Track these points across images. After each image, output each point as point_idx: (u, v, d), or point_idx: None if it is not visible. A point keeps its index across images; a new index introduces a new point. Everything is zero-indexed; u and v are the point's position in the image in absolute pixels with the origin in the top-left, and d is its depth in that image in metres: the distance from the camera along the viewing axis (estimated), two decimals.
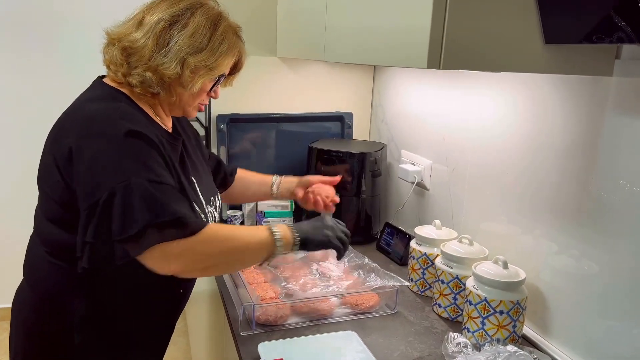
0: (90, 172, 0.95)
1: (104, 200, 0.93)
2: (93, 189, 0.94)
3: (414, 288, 1.40)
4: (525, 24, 0.87)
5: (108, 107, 1.02)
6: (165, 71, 1.03)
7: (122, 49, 1.04)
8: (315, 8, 1.41)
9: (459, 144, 1.46)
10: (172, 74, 1.03)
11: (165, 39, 1.04)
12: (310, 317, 1.22)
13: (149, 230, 0.93)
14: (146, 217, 0.92)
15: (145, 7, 1.08)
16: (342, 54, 1.25)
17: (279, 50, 1.82)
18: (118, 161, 0.95)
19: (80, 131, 0.98)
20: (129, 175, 0.93)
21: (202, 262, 1.02)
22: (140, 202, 0.93)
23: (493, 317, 1.11)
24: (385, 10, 1.01)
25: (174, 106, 1.13)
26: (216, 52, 1.07)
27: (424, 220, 1.63)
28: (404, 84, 1.78)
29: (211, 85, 1.12)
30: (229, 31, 1.10)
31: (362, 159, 1.67)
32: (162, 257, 0.96)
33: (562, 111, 1.11)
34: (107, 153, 0.95)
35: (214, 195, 1.24)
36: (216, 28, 1.07)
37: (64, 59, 2.74)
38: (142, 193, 0.93)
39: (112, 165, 0.95)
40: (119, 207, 0.92)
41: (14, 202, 2.81)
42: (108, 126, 0.98)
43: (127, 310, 1.13)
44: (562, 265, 1.13)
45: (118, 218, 0.92)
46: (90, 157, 0.96)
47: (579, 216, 1.07)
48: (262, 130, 1.90)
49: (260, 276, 1.37)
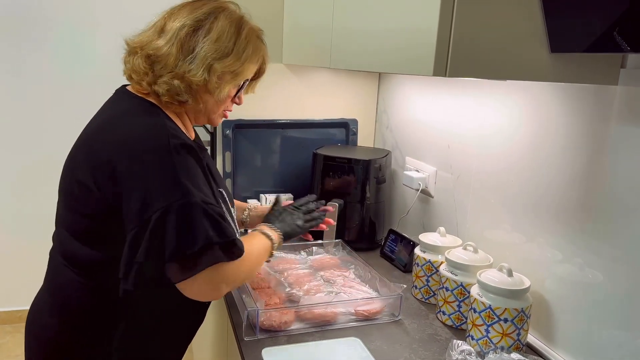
0: (142, 190, 0.92)
1: (156, 218, 0.90)
2: (145, 207, 0.91)
3: (418, 295, 1.40)
4: (531, 32, 0.88)
5: (151, 122, 0.99)
6: (192, 78, 1.01)
7: (146, 57, 1.02)
8: (322, 15, 1.42)
9: (464, 152, 1.47)
10: (200, 80, 1.01)
11: (190, 45, 1.02)
12: (314, 323, 1.22)
13: (210, 249, 0.92)
14: (210, 234, 0.91)
15: (166, 14, 1.06)
16: (349, 61, 1.26)
17: (285, 57, 1.83)
18: (171, 178, 0.92)
19: (126, 148, 0.95)
20: (184, 193, 0.92)
21: (240, 282, 1.05)
22: (201, 220, 0.91)
23: (497, 325, 1.11)
24: (392, 18, 1.02)
25: (199, 114, 1.11)
26: (242, 56, 1.06)
27: (429, 228, 1.63)
28: (409, 91, 1.78)
29: (236, 91, 1.11)
30: (253, 34, 1.09)
31: (367, 166, 1.67)
32: (211, 280, 0.96)
33: (566, 120, 1.11)
34: (159, 170, 0.93)
35: (232, 205, 1.23)
36: (240, 32, 1.06)
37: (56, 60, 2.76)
38: (202, 212, 0.92)
39: (166, 182, 0.92)
40: (176, 225, 0.90)
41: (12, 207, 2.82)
42: (157, 142, 0.95)
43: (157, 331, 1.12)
44: (566, 273, 1.12)
45: (175, 236, 0.90)
46: (140, 175, 0.93)
47: (584, 225, 1.07)
48: (267, 136, 1.90)
49: (265, 282, 1.37)
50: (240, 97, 1.16)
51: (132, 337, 1.08)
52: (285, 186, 1.93)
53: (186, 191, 0.92)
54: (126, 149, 0.96)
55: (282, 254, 1.56)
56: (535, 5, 0.86)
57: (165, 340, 1.16)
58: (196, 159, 0.98)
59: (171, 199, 0.91)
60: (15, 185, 2.82)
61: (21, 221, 2.84)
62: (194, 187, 0.93)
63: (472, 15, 0.84)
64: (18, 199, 2.79)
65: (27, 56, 2.73)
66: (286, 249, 1.58)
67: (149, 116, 1.01)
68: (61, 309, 1.08)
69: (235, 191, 1.88)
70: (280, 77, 1.88)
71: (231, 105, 1.16)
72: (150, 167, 0.93)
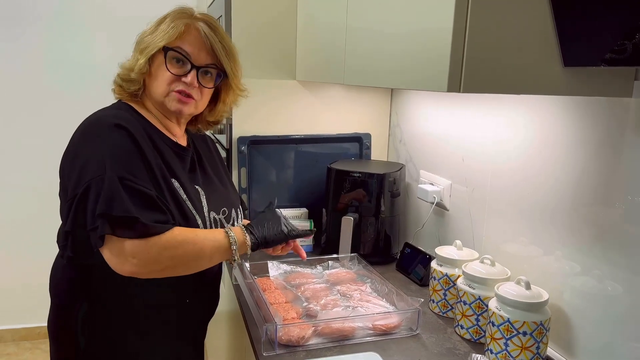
0: (77, 169, 1.04)
1: (81, 193, 1.01)
2: (75, 184, 1.03)
3: (436, 309, 1.40)
4: (544, 47, 0.89)
5: (105, 112, 1.14)
6: (125, 64, 1.17)
7: None
8: (335, 32, 1.44)
9: (478, 165, 1.47)
10: (130, 63, 1.16)
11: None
12: (332, 337, 1.22)
13: (100, 220, 0.99)
14: (102, 207, 0.99)
15: None
16: (363, 77, 1.28)
17: (299, 74, 1.86)
18: (100, 156, 1.03)
19: (78, 135, 1.09)
20: (105, 169, 1.01)
21: (157, 264, 1.07)
22: (103, 194, 1.00)
23: (516, 338, 1.10)
24: (406, 34, 1.03)
25: (156, 103, 1.19)
26: (158, 28, 1.17)
27: (444, 241, 1.63)
28: (422, 105, 1.79)
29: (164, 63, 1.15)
30: (181, 15, 1.18)
31: (381, 180, 1.68)
32: (118, 254, 1.03)
33: (581, 132, 1.11)
34: (92, 149, 1.05)
35: (229, 207, 1.29)
36: (167, 16, 1.18)
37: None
38: (109, 186, 1.00)
39: (94, 160, 1.03)
40: (95, 197, 1.00)
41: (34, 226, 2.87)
42: (98, 124, 1.09)
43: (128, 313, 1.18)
44: (585, 286, 1.12)
45: (89, 209, 1.00)
46: (79, 155, 1.06)
47: (602, 237, 1.07)
48: (282, 151, 1.92)
49: (282, 296, 1.38)
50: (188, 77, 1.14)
51: (94, 316, 1.16)
52: (299, 201, 1.94)
53: (106, 168, 1.02)
54: (77, 137, 1.10)
55: (299, 268, 1.57)
56: (547, 20, 0.88)
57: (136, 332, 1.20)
58: (133, 142, 1.07)
59: (93, 175, 1.01)
60: (37, 205, 2.86)
61: (42, 239, 2.88)
62: (117, 165, 1.03)
63: (485, 31, 0.86)
64: (39, 218, 2.83)
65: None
66: (302, 264, 1.58)
67: (106, 109, 1.17)
68: (52, 290, 1.23)
69: (251, 206, 1.90)
70: (294, 94, 1.91)
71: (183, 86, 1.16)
72: (85, 148, 1.06)
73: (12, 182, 2.87)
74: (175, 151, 1.19)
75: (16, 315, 3.01)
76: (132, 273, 1.05)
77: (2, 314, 2.99)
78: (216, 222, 1.24)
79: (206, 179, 1.27)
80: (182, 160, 1.21)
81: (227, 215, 1.29)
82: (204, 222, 1.19)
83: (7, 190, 2.87)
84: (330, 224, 1.75)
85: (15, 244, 2.92)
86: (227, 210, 1.29)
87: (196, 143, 1.32)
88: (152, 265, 1.06)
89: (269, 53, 1.84)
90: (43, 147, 2.80)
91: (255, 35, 1.82)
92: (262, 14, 1.81)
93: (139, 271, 1.05)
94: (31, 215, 2.87)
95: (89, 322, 1.15)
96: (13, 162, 2.85)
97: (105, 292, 1.14)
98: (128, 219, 1.00)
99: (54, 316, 1.22)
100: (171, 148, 1.18)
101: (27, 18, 2.70)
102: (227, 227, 1.22)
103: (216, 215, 1.24)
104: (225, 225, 1.27)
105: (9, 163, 2.85)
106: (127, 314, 1.17)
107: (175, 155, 1.19)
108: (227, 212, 1.29)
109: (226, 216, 1.28)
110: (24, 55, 2.73)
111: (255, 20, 1.81)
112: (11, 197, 2.88)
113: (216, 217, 1.24)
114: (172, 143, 1.20)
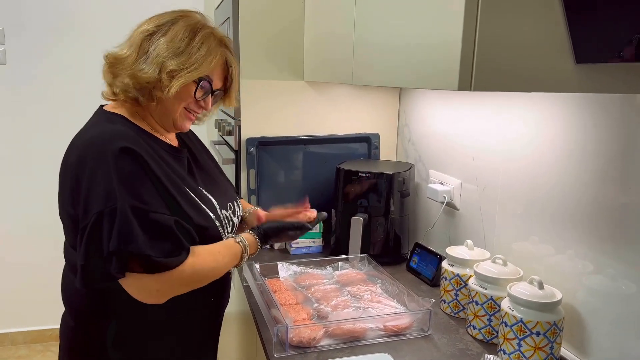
0: (85, 196, 1.01)
1: (92, 223, 0.98)
2: (85, 212, 1.00)
3: (447, 309, 1.39)
4: (556, 44, 0.88)
5: (103, 130, 1.08)
6: (143, 75, 1.08)
7: (110, 64, 1.12)
8: (343, 32, 1.44)
9: (489, 164, 1.46)
10: (150, 77, 1.08)
11: (146, 47, 1.10)
12: (344, 339, 1.22)
13: (115, 257, 0.98)
14: (114, 244, 0.97)
15: (136, 26, 1.15)
16: (371, 77, 1.27)
17: (306, 74, 1.85)
18: (108, 184, 1.00)
19: (80, 157, 1.04)
20: (116, 199, 0.99)
21: (176, 292, 1.09)
22: (116, 228, 0.98)
23: (530, 338, 1.09)
24: (415, 33, 1.02)
25: (162, 116, 1.16)
26: (194, 55, 1.11)
27: (455, 241, 1.62)
28: (430, 104, 1.79)
29: (194, 89, 1.14)
30: (210, 37, 1.14)
31: (390, 179, 1.67)
32: (138, 288, 1.03)
33: (594, 129, 1.10)
34: (98, 176, 1.01)
35: (232, 202, 1.30)
36: (195, 34, 1.12)
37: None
38: (121, 219, 0.98)
39: (102, 188, 1.00)
40: (106, 233, 0.98)
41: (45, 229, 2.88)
42: (101, 147, 1.03)
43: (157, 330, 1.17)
44: (598, 285, 1.11)
45: (104, 244, 0.98)
46: (85, 181, 1.01)
47: (615, 235, 1.06)
48: (290, 152, 1.92)
49: (292, 297, 1.37)
50: (206, 102, 1.18)
51: (125, 336, 1.14)
52: (308, 201, 1.93)
53: (118, 197, 0.99)
54: (80, 159, 1.04)
55: (308, 269, 1.57)
56: (559, 17, 0.86)
57: (164, 343, 1.19)
58: (140, 163, 1.04)
59: (104, 204, 0.98)
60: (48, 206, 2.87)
61: (52, 241, 2.90)
62: (128, 192, 1.00)
63: (495, 29, 0.85)
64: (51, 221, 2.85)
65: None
66: (311, 265, 1.58)
67: (105, 125, 1.10)
68: (68, 308, 1.19)
69: (261, 207, 1.89)
70: (302, 94, 1.90)
71: (196, 108, 1.18)
72: (91, 174, 1.01)
73: (23, 186, 2.89)
74: (173, 155, 1.18)
75: (28, 318, 3.03)
76: (153, 302, 1.06)
77: (14, 316, 3.02)
78: (227, 219, 1.24)
79: (206, 177, 1.27)
80: (180, 162, 1.20)
81: (233, 210, 1.29)
82: (220, 222, 1.19)
83: (18, 194, 2.90)
84: (340, 224, 1.74)
85: (25, 247, 2.94)
86: (232, 205, 1.29)
87: (184, 137, 1.31)
88: (172, 294, 1.08)
89: (276, 54, 1.84)
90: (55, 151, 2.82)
91: (262, 36, 1.82)
92: (269, 15, 1.81)
93: (160, 301, 1.07)
94: (41, 218, 2.88)
95: (111, 337, 1.14)
96: (24, 166, 2.87)
97: (122, 308, 1.12)
98: (142, 256, 1.00)
99: (71, 332, 1.19)
100: (170, 153, 1.17)
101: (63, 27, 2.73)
102: (236, 236, 1.23)
103: (225, 212, 1.24)
104: (235, 222, 1.29)
105: (20, 167, 2.87)
106: (146, 325, 1.16)
107: (174, 159, 1.17)
108: (232, 206, 1.29)
109: (232, 211, 1.29)
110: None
111: (263, 21, 1.81)
112: (22, 201, 2.91)
113: (226, 215, 1.24)
114: (168, 147, 1.18)
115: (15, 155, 2.86)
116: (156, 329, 1.17)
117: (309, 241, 1.80)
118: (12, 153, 2.85)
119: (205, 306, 1.24)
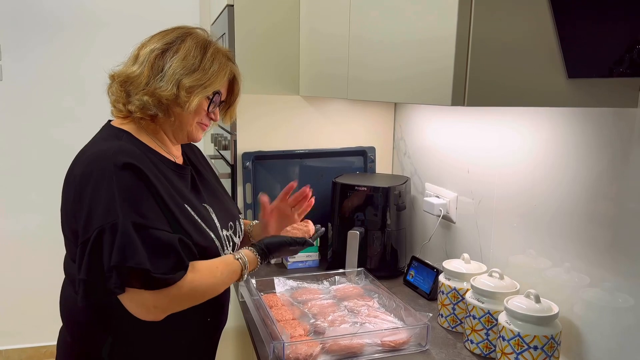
0: (87, 210, 1.01)
1: (93, 239, 0.99)
2: (86, 227, 1.00)
3: (445, 324, 1.38)
4: (548, 59, 0.89)
5: (110, 146, 1.08)
6: (162, 93, 1.10)
7: (121, 83, 1.13)
8: (338, 47, 1.45)
9: (484, 177, 1.46)
10: (169, 94, 1.10)
11: (160, 65, 1.12)
12: (341, 354, 1.21)
13: (114, 272, 0.98)
14: (115, 259, 0.97)
15: (139, 44, 1.17)
16: (366, 91, 1.28)
17: (302, 89, 1.86)
18: (110, 199, 1.00)
19: (84, 171, 1.05)
20: (118, 215, 0.99)
21: (175, 309, 1.08)
22: (117, 243, 0.98)
23: (527, 352, 1.09)
24: (409, 48, 1.03)
25: (176, 130, 1.18)
26: (208, 71, 1.14)
27: (452, 254, 1.62)
28: (425, 118, 1.79)
29: (207, 104, 1.17)
30: (219, 53, 1.18)
31: (387, 193, 1.68)
32: (137, 304, 1.03)
33: (586, 143, 1.11)
34: (101, 191, 1.01)
35: (233, 221, 1.30)
36: (206, 50, 1.15)
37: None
38: (122, 234, 0.98)
39: (104, 203, 1.00)
40: (107, 248, 0.98)
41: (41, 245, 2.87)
42: (105, 163, 1.03)
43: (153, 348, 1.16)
44: (595, 298, 1.11)
45: (105, 259, 0.98)
46: (88, 195, 1.01)
47: (611, 248, 1.06)
48: (287, 166, 1.92)
49: (289, 313, 1.37)
50: (215, 113, 1.23)
51: (121, 353, 1.13)
52: (305, 215, 1.93)
53: (119, 212, 0.99)
54: (83, 174, 1.04)
55: (305, 284, 1.56)
56: (550, 33, 0.87)
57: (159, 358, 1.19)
58: (143, 179, 1.05)
59: (105, 220, 0.99)
60: (44, 222, 2.87)
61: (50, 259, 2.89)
62: (129, 208, 1.00)
63: (488, 44, 0.86)
64: (47, 237, 2.84)
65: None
66: (308, 279, 1.58)
67: (110, 141, 1.11)
68: (66, 322, 1.19)
69: None
70: (298, 109, 1.91)
71: (207, 120, 1.22)
72: (93, 189, 1.02)
73: (20, 202, 2.89)
74: (177, 173, 1.18)
75: (23, 335, 3.00)
76: (151, 319, 1.06)
77: (9, 334, 2.99)
78: (227, 239, 1.24)
79: (209, 194, 1.27)
80: (184, 179, 1.20)
81: (234, 229, 1.29)
82: (220, 242, 1.19)
83: (14, 209, 2.89)
84: (336, 238, 1.74)
85: (20, 264, 2.93)
86: (233, 225, 1.29)
87: (189, 155, 1.32)
88: (170, 311, 1.07)
89: (272, 69, 1.85)
90: (52, 167, 2.82)
91: (258, 52, 1.83)
92: (264, 31, 1.82)
93: (157, 318, 1.06)
94: (37, 234, 2.88)
95: (106, 352, 1.13)
96: (23, 181, 2.87)
97: (119, 324, 1.11)
98: (141, 271, 0.99)
99: (68, 348, 1.19)
100: (174, 171, 1.17)
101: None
102: (235, 252, 1.22)
103: (226, 232, 1.24)
104: (235, 242, 1.28)
105: (19, 181, 2.86)
106: (142, 343, 1.15)
107: (178, 177, 1.18)
108: (233, 226, 1.29)
109: (233, 230, 1.28)
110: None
111: (259, 37, 1.82)
112: (19, 217, 2.90)
113: (227, 234, 1.23)
114: (173, 165, 1.19)
115: (11, 169, 2.85)
116: (152, 347, 1.16)
117: (306, 255, 1.79)
118: (7, 168, 2.85)
119: (202, 326, 1.23)
